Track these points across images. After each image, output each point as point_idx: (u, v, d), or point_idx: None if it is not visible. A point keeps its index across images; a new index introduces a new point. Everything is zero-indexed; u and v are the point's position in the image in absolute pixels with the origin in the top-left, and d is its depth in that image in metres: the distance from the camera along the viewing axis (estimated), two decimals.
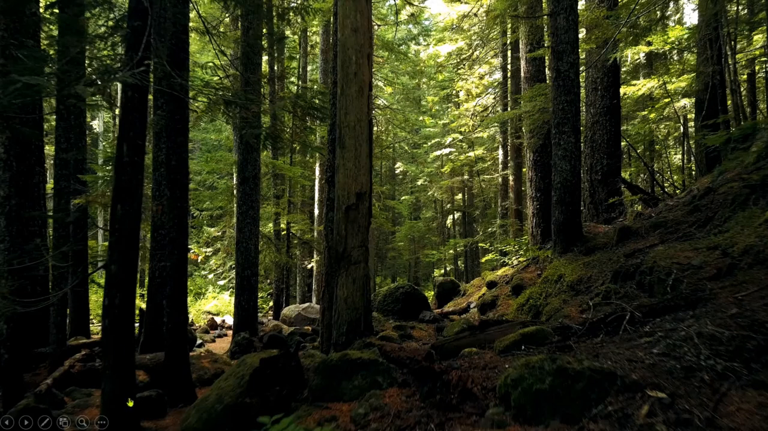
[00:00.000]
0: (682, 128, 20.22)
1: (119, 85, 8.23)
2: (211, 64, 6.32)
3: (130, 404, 4.35)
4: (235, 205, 10.30)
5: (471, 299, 9.91)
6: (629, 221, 6.89)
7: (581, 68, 11.51)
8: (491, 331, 4.33)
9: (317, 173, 18.97)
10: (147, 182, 8.89)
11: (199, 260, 28.22)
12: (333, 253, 6.17)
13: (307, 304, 13.71)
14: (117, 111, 16.25)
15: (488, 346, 4.08)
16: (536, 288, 6.02)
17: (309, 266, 18.99)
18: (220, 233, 20.49)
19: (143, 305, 8.65)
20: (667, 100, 14.14)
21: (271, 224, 16.80)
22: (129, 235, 5.00)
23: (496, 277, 9.66)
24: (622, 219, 11.36)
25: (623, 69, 17.72)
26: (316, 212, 18.54)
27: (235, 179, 12.95)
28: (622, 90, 12.50)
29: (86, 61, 5.69)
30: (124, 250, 4.94)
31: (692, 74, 14.27)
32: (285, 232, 16.74)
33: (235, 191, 10.20)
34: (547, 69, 12.69)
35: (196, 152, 34.22)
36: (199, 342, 14.30)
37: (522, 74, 11.46)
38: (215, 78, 6.90)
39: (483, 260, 15.83)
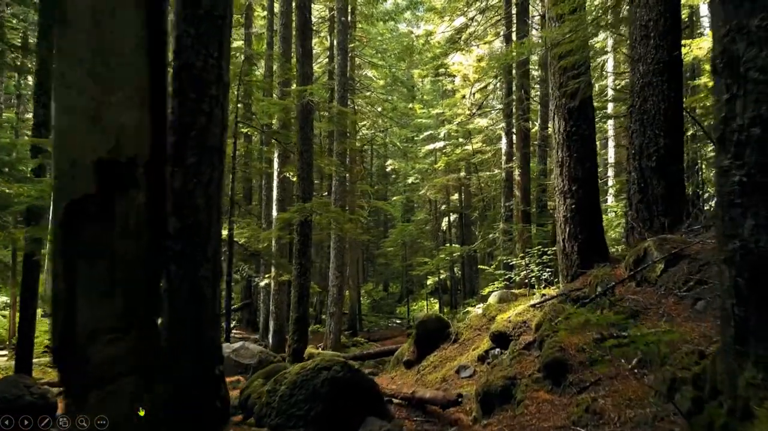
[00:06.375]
0: None
1: None
2: None
3: None
4: None
5: (465, 361, 6.00)
6: None
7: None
8: None
9: (275, 163, 15.06)
10: None
11: None
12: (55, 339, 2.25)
13: (240, 343, 9.86)
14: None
15: None
16: None
17: (262, 284, 15.03)
18: None
19: None
20: None
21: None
22: None
23: (507, 324, 5.75)
24: (699, 227, 7.51)
25: None
26: (275, 213, 14.67)
27: None
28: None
29: None
30: None
31: None
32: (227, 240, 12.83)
33: None
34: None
35: None
36: None
37: (546, 12, 7.61)
38: None
39: (484, 291, 11.96)
